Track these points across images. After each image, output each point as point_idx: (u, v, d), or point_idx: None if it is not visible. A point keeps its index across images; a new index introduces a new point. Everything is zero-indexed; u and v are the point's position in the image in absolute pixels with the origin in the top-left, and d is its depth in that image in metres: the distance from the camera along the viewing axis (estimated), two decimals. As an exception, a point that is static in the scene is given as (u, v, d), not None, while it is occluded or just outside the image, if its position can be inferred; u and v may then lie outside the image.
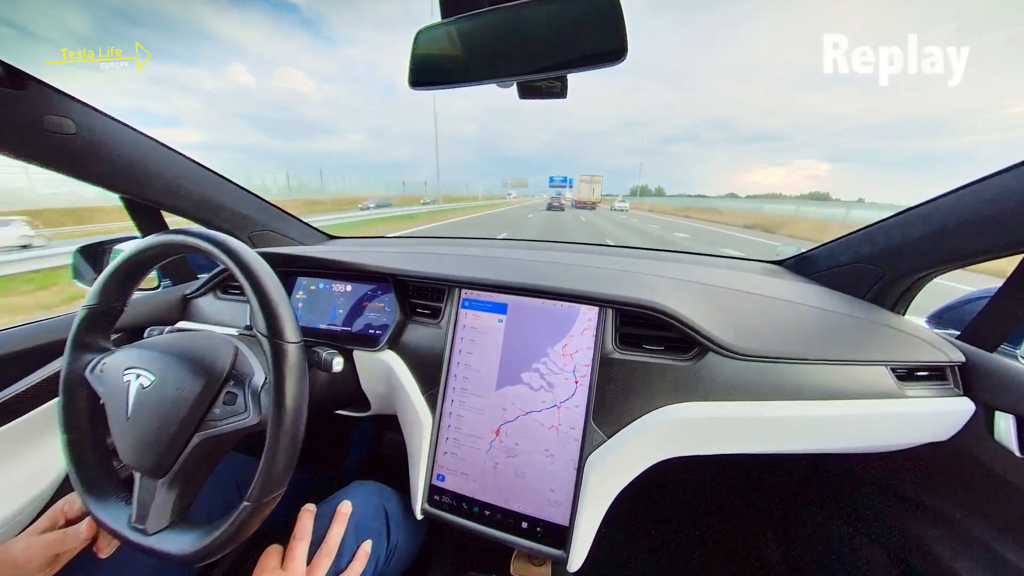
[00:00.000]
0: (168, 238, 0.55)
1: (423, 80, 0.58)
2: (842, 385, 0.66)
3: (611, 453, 0.64)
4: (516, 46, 0.53)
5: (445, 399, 0.73)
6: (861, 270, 0.85)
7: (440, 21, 0.54)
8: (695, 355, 0.66)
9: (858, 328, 0.74)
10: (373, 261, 0.84)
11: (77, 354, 0.55)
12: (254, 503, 0.46)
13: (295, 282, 0.91)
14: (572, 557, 0.63)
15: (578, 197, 59.91)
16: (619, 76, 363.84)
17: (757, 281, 0.91)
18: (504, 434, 0.70)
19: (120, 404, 0.50)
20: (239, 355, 0.55)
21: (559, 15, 0.50)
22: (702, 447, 0.68)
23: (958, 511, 0.74)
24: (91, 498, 0.52)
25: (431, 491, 0.72)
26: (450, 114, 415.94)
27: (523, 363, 0.70)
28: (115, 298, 0.58)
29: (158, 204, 0.90)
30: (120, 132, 0.76)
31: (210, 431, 0.49)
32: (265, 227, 1.13)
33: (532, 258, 0.99)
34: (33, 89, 0.61)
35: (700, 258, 1.18)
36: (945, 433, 0.70)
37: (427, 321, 0.79)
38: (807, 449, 0.70)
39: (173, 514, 0.49)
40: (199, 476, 0.52)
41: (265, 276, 0.51)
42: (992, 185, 0.62)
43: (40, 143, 0.65)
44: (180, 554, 0.46)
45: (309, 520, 0.59)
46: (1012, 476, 0.64)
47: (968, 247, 0.66)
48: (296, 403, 0.48)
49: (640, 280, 0.82)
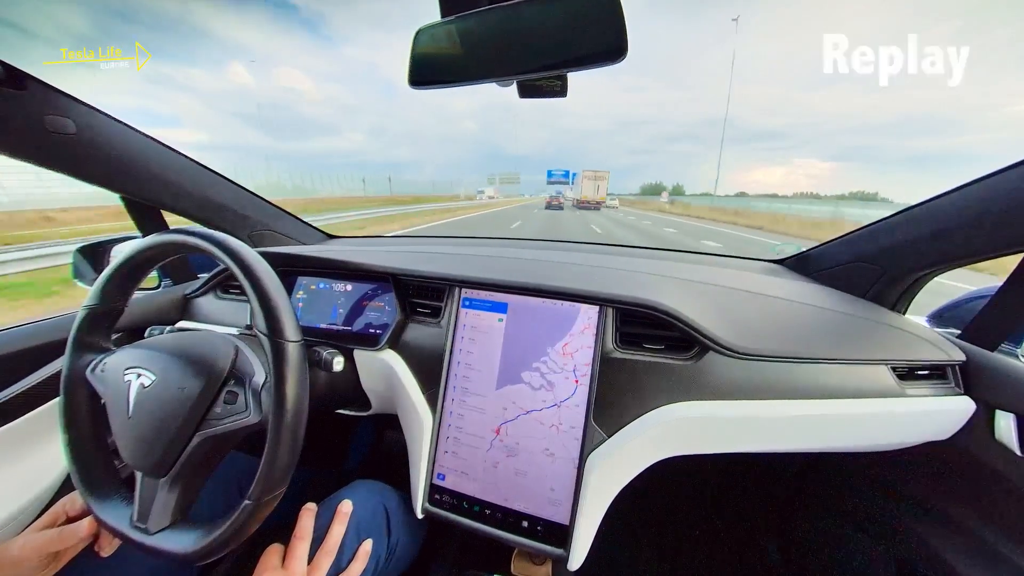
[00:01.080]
0: (168, 238, 0.55)
1: (423, 79, 0.58)
2: (842, 384, 0.66)
3: (611, 452, 0.64)
4: (516, 45, 0.53)
5: (445, 398, 0.74)
6: (862, 269, 0.85)
7: (440, 20, 0.54)
8: (695, 354, 0.66)
9: (858, 327, 0.74)
10: (373, 260, 0.84)
11: (78, 354, 0.55)
12: (255, 502, 0.46)
13: (295, 282, 0.91)
14: (573, 556, 0.63)
15: (581, 196, 49.00)
16: (620, 74, 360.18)
17: (757, 280, 0.91)
18: (504, 433, 0.70)
19: (121, 404, 0.50)
20: (240, 354, 0.55)
21: (559, 14, 0.50)
22: (702, 446, 0.68)
23: (958, 510, 0.75)
24: (92, 497, 0.52)
25: (432, 490, 0.72)
26: (449, 113, 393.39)
27: (523, 362, 0.70)
28: (115, 298, 0.58)
29: (158, 204, 0.90)
30: (120, 132, 0.76)
31: (211, 430, 0.49)
32: (265, 226, 1.13)
33: (532, 257, 0.99)
34: (33, 89, 0.62)
35: (700, 257, 1.18)
36: (945, 432, 0.70)
37: (427, 320, 0.79)
38: (807, 448, 0.70)
39: (174, 513, 0.50)
40: (200, 475, 0.52)
41: (265, 275, 0.51)
42: (992, 184, 0.61)
43: (40, 143, 0.65)
44: (182, 553, 0.46)
45: (310, 519, 0.59)
46: (1012, 475, 0.64)
47: (968, 246, 0.66)
48: (297, 402, 0.48)
49: (640, 279, 0.81)
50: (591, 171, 49.88)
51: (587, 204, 44.74)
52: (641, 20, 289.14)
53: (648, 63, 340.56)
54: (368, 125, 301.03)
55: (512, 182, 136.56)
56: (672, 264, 1.02)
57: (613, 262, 0.94)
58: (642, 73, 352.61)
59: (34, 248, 6.11)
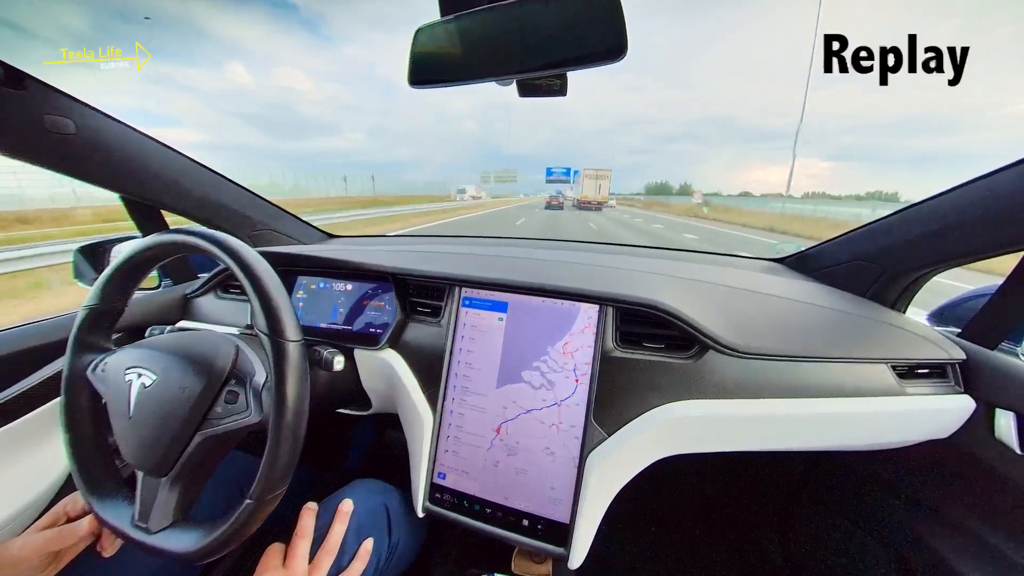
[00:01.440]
0: (168, 238, 0.55)
1: (423, 78, 0.58)
2: (842, 383, 0.66)
3: (612, 451, 0.64)
4: (516, 44, 0.53)
5: (446, 397, 0.74)
6: (862, 268, 0.85)
7: (439, 19, 0.54)
8: (695, 353, 0.66)
9: (859, 326, 0.74)
10: (373, 260, 0.84)
11: (78, 354, 0.55)
12: (256, 501, 0.46)
13: (296, 281, 0.91)
14: (573, 554, 0.63)
15: (582, 196, 46.26)
16: (620, 74, 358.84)
17: (757, 279, 0.91)
18: (505, 432, 0.70)
19: (122, 403, 0.50)
20: (240, 354, 0.55)
21: (559, 12, 0.50)
22: (702, 445, 0.68)
23: (958, 508, 0.75)
24: (94, 497, 0.52)
25: (432, 489, 0.72)
26: (448, 112, 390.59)
27: (524, 361, 0.70)
28: (116, 298, 0.58)
29: (158, 203, 0.90)
30: (120, 132, 0.76)
31: (212, 430, 0.50)
32: (265, 226, 1.13)
33: (532, 256, 0.99)
34: (33, 89, 0.61)
35: (700, 256, 1.18)
36: (945, 431, 0.70)
37: (427, 320, 0.79)
38: (807, 447, 0.70)
39: (176, 513, 0.50)
40: (201, 475, 0.52)
41: (265, 275, 0.51)
42: (992, 183, 0.61)
43: (40, 143, 0.65)
44: (183, 552, 0.47)
45: (311, 518, 0.60)
46: (1012, 473, 0.64)
47: (968, 245, 0.66)
48: (297, 401, 0.48)
49: (640, 278, 0.81)
50: (592, 170, 47.26)
51: (588, 204, 42.10)
52: (640, 19, 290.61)
53: (647, 62, 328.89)
54: (368, 125, 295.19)
55: (507, 180, 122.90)
56: (672, 263, 1.02)
57: (613, 261, 0.94)
58: (642, 72, 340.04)
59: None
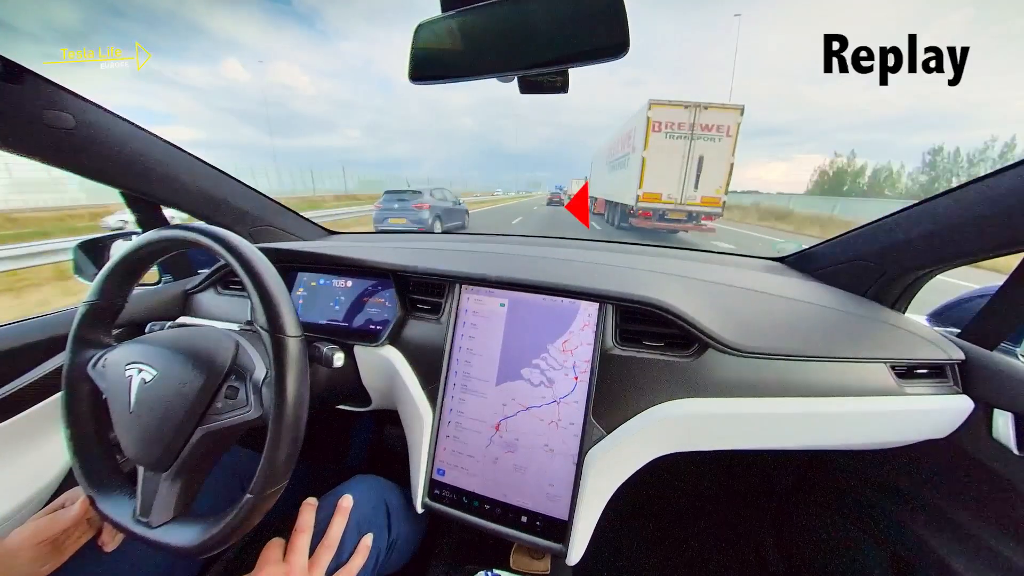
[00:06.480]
0: (168, 234, 0.55)
1: (423, 74, 0.58)
2: (842, 382, 0.66)
3: (610, 448, 0.64)
4: (517, 40, 0.53)
5: (445, 394, 0.74)
6: (862, 267, 0.85)
7: (440, 15, 0.53)
8: (695, 352, 0.67)
9: (858, 325, 0.74)
10: (373, 257, 0.83)
11: (79, 349, 0.56)
12: (256, 496, 0.46)
13: (296, 278, 0.91)
14: (571, 551, 0.63)
15: (642, 194, 43.92)
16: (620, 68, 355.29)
17: (757, 278, 0.91)
18: (504, 429, 0.70)
19: (122, 399, 0.50)
20: (240, 350, 0.55)
21: (560, 8, 0.50)
22: (701, 443, 0.68)
23: (956, 508, 0.75)
24: (95, 492, 0.52)
25: (431, 485, 0.72)
26: (447, 108, 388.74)
27: (523, 359, 0.71)
28: (116, 294, 0.58)
29: (158, 199, 0.90)
30: (119, 127, 0.75)
31: (212, 425, 0.50)
32: (265, 222, 1.13)
33: (532, 254, 0.98)
34: (32, 84, 0.61)
35: (700, 255, 1.18)
36: (944, 431, 0.70)
37: (427, 316, 0.79)
38: (806, 446, 0.70)
39: (177, 507, 0.50)
40: (202, 470, 0.53)
41: (265, 271, 0.51)
42: (993, 183, 0.61)
43: (39, 138, 0.65)
44: (184, 547, 0.47)
45: (310, 514, 0.60)
46: (1010, 474, 0.65)
47: (969, 245, 0.66)
48: (297, 397, 0.48)
49: (640, 276, 0.81)
50: (678, 103, 40.81)
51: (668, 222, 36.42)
52: (641, 14, 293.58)
53: (648, 57, 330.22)
54: (365, 121, 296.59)
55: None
56: (672, 261, 1.02)
57: (613, 259, 0.94)
58: (641, 66, 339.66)
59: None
